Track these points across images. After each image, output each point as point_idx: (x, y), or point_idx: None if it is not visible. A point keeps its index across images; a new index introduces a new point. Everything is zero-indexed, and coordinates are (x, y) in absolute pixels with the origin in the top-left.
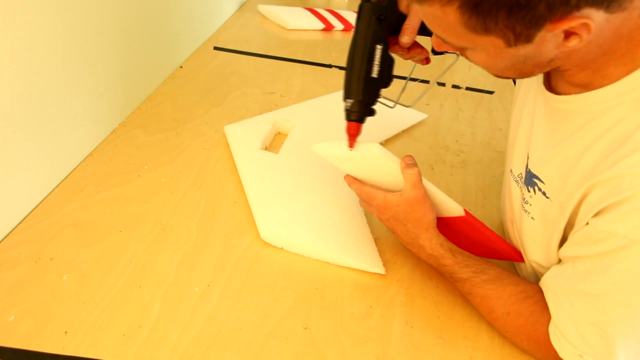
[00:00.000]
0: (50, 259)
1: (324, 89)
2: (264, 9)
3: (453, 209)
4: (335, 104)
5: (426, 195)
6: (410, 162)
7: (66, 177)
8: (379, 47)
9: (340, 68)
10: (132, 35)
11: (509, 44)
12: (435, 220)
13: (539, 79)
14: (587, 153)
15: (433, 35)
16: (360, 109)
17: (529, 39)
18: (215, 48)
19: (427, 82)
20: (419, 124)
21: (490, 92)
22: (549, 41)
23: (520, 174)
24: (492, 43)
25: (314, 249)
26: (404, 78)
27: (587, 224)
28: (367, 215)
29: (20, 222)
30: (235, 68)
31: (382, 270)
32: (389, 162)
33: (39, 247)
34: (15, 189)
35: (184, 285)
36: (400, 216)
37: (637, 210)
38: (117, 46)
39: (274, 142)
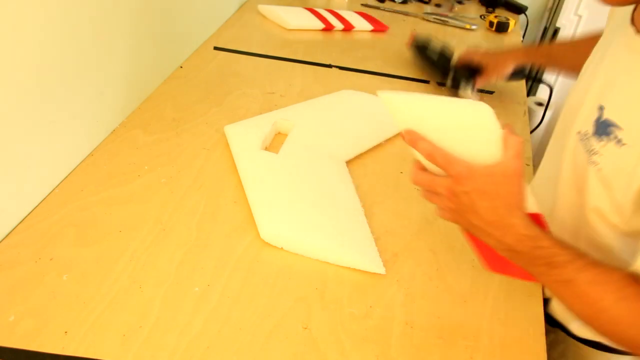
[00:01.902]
0: (50, 259)
1: (324, 89)
2: (264, 9)
3: (530, 203)
4: (335, 103)
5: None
6: (513, 131)
7: (66, 177)
8: None
9: (341, 68)
10: (132, 35)
11: None
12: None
13: (626, 30)
14: None
15: None
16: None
17: None
18: (215, 48)
19: (427, 82)
20: None
21: (491, 92)
22: None
23: (587, 131)
24: None
25: (314, 249)
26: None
27: None
28: (367, 215)
29: (20, 222)
30: (235, 68)
31: (382, 270)
32: (496, 124)
33: (39, 247)
34: (15, 189)
35: (184, 285)
36: (489, 189)
37: None
38: (117, 46)
39: (274, 142)
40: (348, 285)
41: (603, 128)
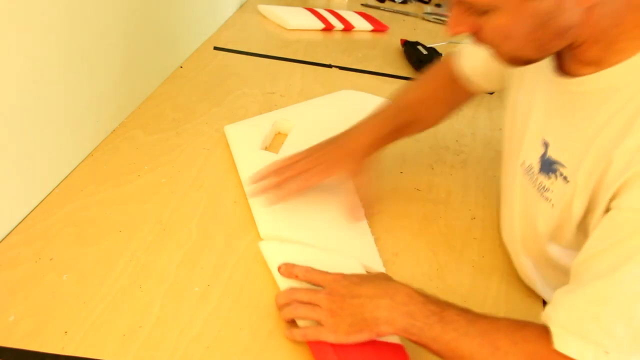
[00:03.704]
0: (50, 259)
1: (324, 89)
2: (264, 9)
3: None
4: (335, 103)
5: None
6: None
7: (66, 177)
8: None
9: (341, 68)
10: (132, 35)
11: None
12: None
13: (547, 71)
14: (603, 132)
15: (452, 14)
16: None
17: None
18: (215, 48)
19: None
20: None
21: (490, 92)
22: None
23: (530, 164)
24: None
25: (313, 249)
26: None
27: (608, 210)
28: (367, 215)
29: (20, 222)
30: (235, 68)
31: (382, 270)
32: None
33: (39, 247)
34: (15, 189)
35: (184, 285)
36: (365, 277)
37: None
38: (117, 46)
39: (274, 142)
40: None
41: (548, 165)
